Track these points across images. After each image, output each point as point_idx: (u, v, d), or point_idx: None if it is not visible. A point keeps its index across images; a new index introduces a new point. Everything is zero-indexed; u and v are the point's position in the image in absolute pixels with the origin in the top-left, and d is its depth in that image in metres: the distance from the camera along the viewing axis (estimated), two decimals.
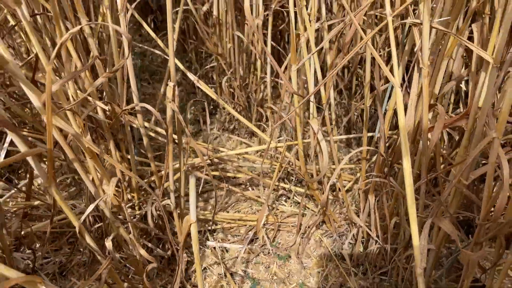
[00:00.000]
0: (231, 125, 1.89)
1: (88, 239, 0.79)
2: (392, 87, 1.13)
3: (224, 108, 1.87)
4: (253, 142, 1.81)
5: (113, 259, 0.84)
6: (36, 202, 1.36)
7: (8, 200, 1.37)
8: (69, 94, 0.97)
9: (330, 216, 1.31)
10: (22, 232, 1.27)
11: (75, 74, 0.80)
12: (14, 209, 1.32)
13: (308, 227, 1.43)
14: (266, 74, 1.63)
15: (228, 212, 1.52)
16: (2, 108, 0.60)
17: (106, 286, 0.92)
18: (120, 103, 1.03)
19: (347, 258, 1.25)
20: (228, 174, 1.54)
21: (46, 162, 0.72)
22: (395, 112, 1.08)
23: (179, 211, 1.16)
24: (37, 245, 1.30)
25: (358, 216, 1.26)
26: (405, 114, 0.88)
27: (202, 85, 1.27)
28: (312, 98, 1.07)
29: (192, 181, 0.71)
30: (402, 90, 0.98)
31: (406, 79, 1.20)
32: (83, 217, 0.74)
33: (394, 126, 1.46)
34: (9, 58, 0.58)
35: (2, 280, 0.54)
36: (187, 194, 1.64)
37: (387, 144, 1.10)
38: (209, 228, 1.44)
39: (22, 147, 0.60)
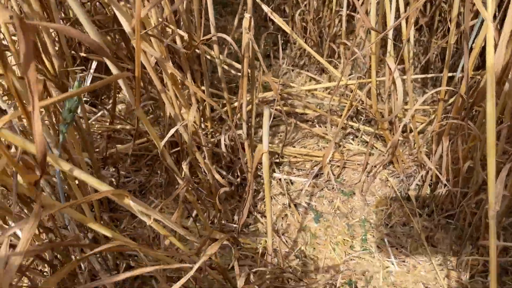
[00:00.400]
0: (301, 60, 1.86)
1: (169, 160, 0.85)
2: (481, 22, 1.05)
3: (295, 43, 1.84)
4: (323, 79, 1.79)
5: (189, 181, 0.91)
6: (119, 126, 1.47)
7: (94, 122, 1.50)
8: (152, 23, 1.01)
9: (399, 157, 1.30)
10: (107, 153, 1.39)
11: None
12: (99, 131, 1.44)
13: (375, 166, 1.43)
14: (341, 7, 1.56)
15: (294, 147, 1.55)
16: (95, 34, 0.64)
17: (182, 205, 1.01)
18: (197, 33, 1.06)
19: (412, 199, 1.25)
20: (297, 110, 1.55)
21: (133, 86, 0.77)
22: (480, 51, 1.01)
23: (249, 142, 1.20)
24: (120, 165, 1.42)
25: (429, 158, 1.23)
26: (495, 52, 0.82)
27: (275, 17, 1.26)
28: (390, 34, 1.02)
29: (266, 113, 0.74)
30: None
31: (498, 15, 1.10)
32: (165, 139, 0.80)
33: (477, 67, 1.36)
34: None
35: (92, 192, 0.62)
36: (256, 126, 1.69)
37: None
38: (276, 160, 1.48)
39: (114, 70, 0.65)
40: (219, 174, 1.27)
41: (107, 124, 1.47)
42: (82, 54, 1.27)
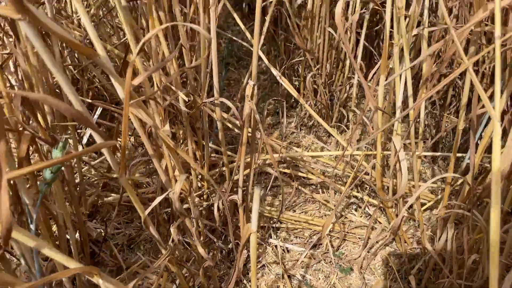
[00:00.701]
0: (310, 121, 1.84)
1: (152, 230, 0.81)
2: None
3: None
4: (330, 142, 1.75)
5: (174, 249, 0.86)
6: (115, 175, 1.44)
7: (90, 169, 1.47)
8: (154, 81, 1.00)
9: (402, 236, 1.23)
10: (99, 202, 1.36)
11: (159, 66, 0.81)
12: (95, 179, 1.42)
13: (377, 242, 1.36)
14: (354, 74, 1.55)
15: (294, 211, 1.50)
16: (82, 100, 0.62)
17: (166, 274, 0.95)
18: (201, 93, 1.04)
19: (413, 284, 1.17)
20: (300, 174, 1.50)
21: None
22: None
23: (245, 205, 1.15)
24: (111, 216, 1.38)
25: (433, 242, 1.16)
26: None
27: (284, 81, 1.24)
28: (397, 114, 0.99)
29: (256, 193, 0.69)
30: (502, 125, 0.87)
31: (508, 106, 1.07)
32: (147, 210, 0.76)
33: (488, 150, 1.31)
34: (100, 50, 0.59)
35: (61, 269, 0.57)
36: (261, 186, 1.65)
37: (477, 172, 0.99)
38: (273, 225, 1.42)
39: (98, 139, 0.62)
40: (210, 239, 1.22)
41: (105, 170, 1.45)
42: (88, 100, 1.26)
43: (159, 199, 0.76)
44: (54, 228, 1.10)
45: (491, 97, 0.81)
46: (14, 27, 0.82)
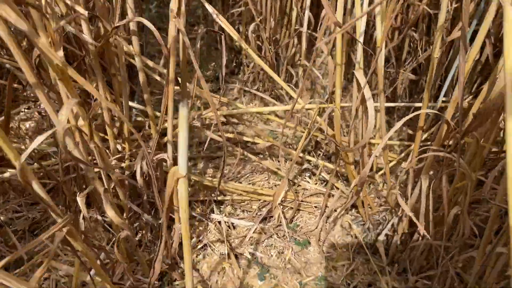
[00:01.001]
0: (255, 85, 1.63)
1: (36, 187, 0.56)
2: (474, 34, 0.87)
3: (248, 65, 1.62)
4: (279, 118, 1.56)
5: (74, 219, 0.61)
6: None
7: None
8: None
9: (365, 199, 1.06)
10: None
11: None
12: None
13: (335, 210, 1.18)
14: (302, 25, 1.36)
15: (240, 183, 1.28)
16: None
17: (78, 262, 0.71)
18: (113, 19, 0.79)
19: (381, 253, 1.00)
20: (245, 138, 1.29)
21: None
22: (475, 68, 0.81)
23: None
24: (10, 196, 1.09)
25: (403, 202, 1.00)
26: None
27: (223, 22, 1.02)
28: (360, 38, 0.81)
29: (183, 112, 0.47)
30: None
31: None
32: (25, 154, 0.51)
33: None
34: None
35: None
36: (196, 157, 1.41)
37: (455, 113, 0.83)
38: (215, 198, 1.20)
39: None
40: (135, 213, 0.97)
41: None
42: None
43: (41, 137, 0.51)
44: None
45: None
46: None
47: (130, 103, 1.10)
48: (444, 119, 0.79)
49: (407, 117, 0.76)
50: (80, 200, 0.77)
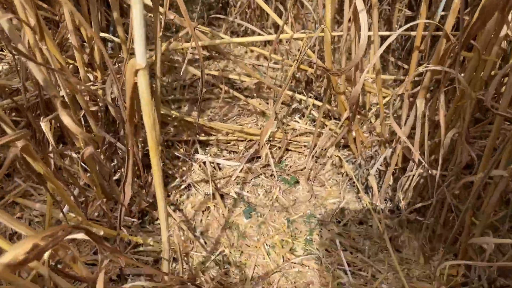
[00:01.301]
0: (242, 27, 1.54)
1: None
2: None
3: (235, 5, 1.52)
4: (267, 50, 1.47)
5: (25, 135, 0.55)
6: None
7: None
8: None
9: (357, 134, 1.00)
10: None
11: None
12: None
13: (324, 149, 1.12)
14: None
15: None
16: None
17: (50, 198, 0.65)
18: None
19: (374, 188, 0.95)
20: (230, 76, 1.21)
21: None
22: None
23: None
24: None
25: (394, 136, 0.94)
26: None
27: None
28: None
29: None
30: None
31: None
32: None
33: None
34: None
35: None
36: (180, 99, 1.32)
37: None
38: (200, 138, 1.14)
39: None
40: (110, 145, 0.91)
41: None
42: None
43: None
44: None
45: None
46: None
47: (103, 34, 1.01)
48: (444, 32, 0.72)
49: (404, 27, 0.69)
50: (44, 125, 0.70)
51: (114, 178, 0.99)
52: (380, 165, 0.98)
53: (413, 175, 0.85)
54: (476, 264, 0.66)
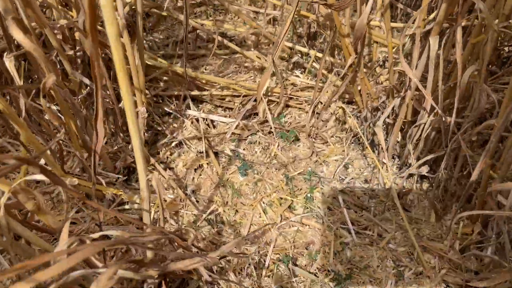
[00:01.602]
0: None
1: None
2: None
3: None
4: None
5: None
6: None
7: None
8: None
9: (362, 83, 0.91)
10: None
11: None
12: None
13: (329, 106, 1.03)
14: None
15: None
16: None
17: None
18: None
19: (381, 141, 0.86)
20: (226, 26, 1.12)
21: None
22: None
23: None
24: None
25: (402, 86, 0.85)
26: None
27: None
28: None
29: None
30: None
31: None
32: None
33: None
34: None
35: None
36: None
37: None
38: (191, 93, 1.05)
39: None
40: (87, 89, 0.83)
41: None
42: None
43: None
44: None
45: None
46: None
47: None
48: None
49: None
50: (9, 61, 0.62)
51: None
52: (388, 117, 0.89)
53: (424, 124, 0.77)
54: (498, 214, 0.58)
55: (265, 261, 0.76)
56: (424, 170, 0.78)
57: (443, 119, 0.73)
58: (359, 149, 0.98)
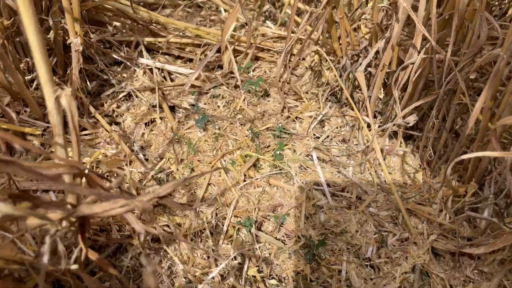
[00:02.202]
0: None
1: None
2: None
3: None
4: None
5: None
6: None
7: None
8: None
9: (341, 24, 0.78)
10: None
11: None
12: None
13: (303, 58, 0.91)
14: None
15: (183, 33, 0.99)
16: None
17: None
18: None
19: (363, 89, 0.74)
20: None
21: None
22: None
23: None
24: None
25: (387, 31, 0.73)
26: None
27: None
28: None
29: None
30: None
31: None
32: None
33: None
34: None
35: None
36: None
37: None
38: (147, 38, 0.91)
39: None
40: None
41: None
42: None
43: None
44: None
45: None
46: None
47: None
48: None
49: None
50: None
51: (27, 78, 0.76)
52: (370, 65, 0.77)
53: (413, 64, 0.65)
54: (505, 155, 0.46)
55: (222, 224, 0.63)
56: (412, 119, 0.66)
57: (436, 55, 0.62)
58: (337, 107, 0.86)
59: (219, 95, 0.86)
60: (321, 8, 0.75)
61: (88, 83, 0.82)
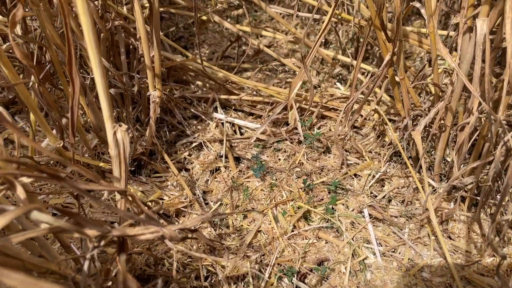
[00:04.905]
0: None
1: None
2: None
3: None
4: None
5: None
6: None
7: None
8: None
9: (403, 84, 0.79)
10: None
11: None
12: None
13: (361, 108, 0.92)
14: None
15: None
16: None
17: None
18: None
19: (419, 148, 0.73)
20: (264, 33, 1.08)
21: None
22: None
23: None
24: None
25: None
26: None
27: None
28: None
29: None
30: None
31: None
32: None
33: None
34: None
35: None
36: None
37: None
38: (222, 96, 1.00)
39: None
40: None
41: None
42: None
43: None
44: None
45: None
46: None
47: None
48: None
49: None
50: None
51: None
52: (431, 125, 0.76)
53: (468, 124, 0.63)
54: None
55: (263, 270, 0.65)
56: (469, 180, 0.63)
57: (490, 117, 0.59)
58: (402, 168, 0.85)
59: (281, 149, 0.90)
60: (381, 68, 0.78)
61: (167, 133, 0.93)
